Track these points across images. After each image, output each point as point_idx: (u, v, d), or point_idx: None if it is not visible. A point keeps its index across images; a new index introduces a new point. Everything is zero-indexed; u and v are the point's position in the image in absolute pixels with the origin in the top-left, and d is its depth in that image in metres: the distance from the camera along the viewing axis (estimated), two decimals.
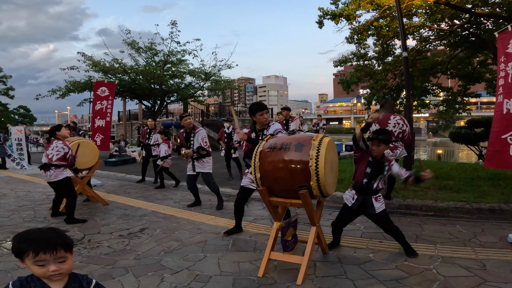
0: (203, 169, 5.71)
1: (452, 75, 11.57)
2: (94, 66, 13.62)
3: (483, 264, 3.36)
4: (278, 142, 3.29)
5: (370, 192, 3.54)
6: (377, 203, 3.56)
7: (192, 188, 5.91)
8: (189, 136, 5.76)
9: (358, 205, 3.59)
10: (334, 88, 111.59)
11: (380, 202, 3.59)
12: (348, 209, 3.68)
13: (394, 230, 3.59)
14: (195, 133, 5.71)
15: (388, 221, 3.60)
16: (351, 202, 3.64)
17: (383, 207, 3.59)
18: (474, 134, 11.92)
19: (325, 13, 9.80)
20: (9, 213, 5.64)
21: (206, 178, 5.75)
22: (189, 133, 5.79)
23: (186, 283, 3.13)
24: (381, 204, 3.58)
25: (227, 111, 23.50)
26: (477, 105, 62.32)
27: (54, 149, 5.12)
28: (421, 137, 52.75)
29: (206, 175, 5.73)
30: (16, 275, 3.29)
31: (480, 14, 8.36)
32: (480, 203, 5.18)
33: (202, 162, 5.71)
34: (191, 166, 5.74)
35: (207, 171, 5.73)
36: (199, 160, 5.69)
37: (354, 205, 3.61)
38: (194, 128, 5.77)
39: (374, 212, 3.54)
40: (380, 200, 3.59)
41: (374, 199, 3.56)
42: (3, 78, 34.76)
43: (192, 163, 5.72)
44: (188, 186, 5.91)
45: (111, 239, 4.35)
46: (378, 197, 3.59)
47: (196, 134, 5.70)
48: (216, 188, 5.83)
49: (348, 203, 3.68)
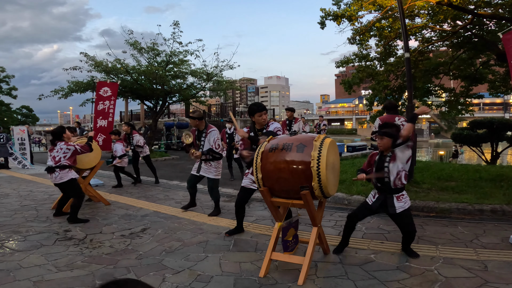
0: (209, 174, 5.28)
1: (455, 76, 11.54)
2: (97, 67, 13.65)
3: (485, 265, 3.36)
4: (280, 142, 3.30)
5: (391, 191, 3.46)
6: (398, 202, 3.46)
7: (191, 189, 5.55)
8: (201, 135, 5.31)
9: (379, 205, 3.52)
10: (336, 89, 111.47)
11: (403, 201, 3.48)
12: (368, 207, 3.62)
13: (411, 233, 3.51)
14: (207, 133, 5.25)
15: (409, 222, 3.49)
16: (371, 201, 3.60)
17: (405, 207, 3.48)
18: (476, 136, 11.90)
19: (327, 14, 9.79)
20: (11, 213, 5.67)
21: (210, 184, 5.35)
22: (200, 132, 5.33)
23: (188, 283, 3.14)
24: (403, 204, 3.48)
25: (228, 111, 23.54)
26: (480, 106, 62.17)
27: (60, 151, 5.16)
28: (423, 138, 52.62)
29: (211, 181, 5.31)
30: (18, 274, 3.32)
31: (483, 15, 8.33)
32: (482, 204, 5.17)
33: (209, 166, 5.29)
34: (197, 167, 5.39)
35: (213, 177, 5.29)
36: (206, 162, 5.30)
37: (374, 204, 3.55)
38: (207, 127, 5.29)
39: (394, 211, 3.46)
40: (402, 199, 3.48)
41: (396, 198, 3.46)
42: (6, 78, 34.89)
43: (199, 164, 5.37)
44: (187, 185, 5.56)
45: (113, 239, 4.37)
46: (400, 196, 3.47)
47: (208, 135, 5.24)
48: (217, 197, 5.44)
49: (369, 202, 3.64)
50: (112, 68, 13.74)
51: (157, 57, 14.73)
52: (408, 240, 3.60)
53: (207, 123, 5.43)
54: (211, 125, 5.38)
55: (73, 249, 4.02)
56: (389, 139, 3.46)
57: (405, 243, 3.63)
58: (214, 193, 5.40)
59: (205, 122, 5.41)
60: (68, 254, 3.85)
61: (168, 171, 10.48)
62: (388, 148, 3.49)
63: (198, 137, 5.36)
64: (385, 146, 3.47)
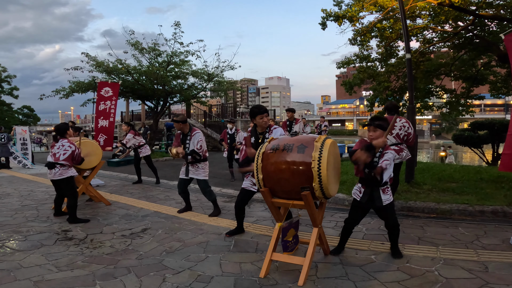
0: (198, 176, 5.35)
1: (456, 77, 11.54)
2: (98, 67, 13.67)
3: (485, 266, 3.35)
4: (281, 143, 3.30)
5: (377, 183, 3.47)
6: (384, 195, 3.50)
7: (183, 193, 5.56)
8: (185, 139, 5.39)
9: (367, 198, 3.53)
10: (337, 89, 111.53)
11: (388, 194, 3.53)
12: (358, 204, 3.63)
13: (396, 226, 3.56)
14: (192, 136, 5.33)
15: (393, 214, 3.56)
16: (359, 196, 3.61)
17: (390, 199, 3.54)
18: (477, 137, 11.89)
19: (328, 14, 9.81)
20: (12, 213, 5.68)
21: (201, 185, 5.41)
22: (185, 135, 5.41)
23: (188, 283, 3.14)
24: (389, 196, 3.53)
25: (229, 112, 23.53)
26: (481, 107, 62.12)
27: (61, 148, 5.15)
28: (424, 139, 52.60)
29: (202, 182, 5.38)
30: (18, 274, 3.32)
31: (484, 16, 8.33)
32: (483, 205, 5.16)
33: (196, 167, 5.35)
34: (185, 170, 5.42)
35: (203, 178, 5.37)
36: (193, 164, 5.35)
37: (363, 198, 3.56)
38: (191, 130, 5.38)
39: (381, 204, 3.48)
40: (387, 192, 3.53)
41: (382, 191, 3.50)
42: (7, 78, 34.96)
43: (186, 167, 5.41)
44: (178, 190, 5.55)
45: (113, 239, 4.37)
46: (385, 189, 3.52)
47: (193, 137, 5.32)
48: (212, 196, 5.46)
49: (356, 198, 3.64)
50: (113, 68, 13.76)
51: (158, 58, 14.75)
52: (395, 235, 3.61)
53: (191, 126, 5.49)
54: (196, 128, 5.46)
55: (74, 249, 4.03)
56: (382, 132, 3.47)
57: (393, 240, 3.64)
58: (208, 193, 5.44)
59: (189, 125, 5.47)
60: (68, 254, 3.85)
61: (169, 172, 10.48)
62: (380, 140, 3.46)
63: (182, 141, 5.41)
64: (377, 138, 3.46)
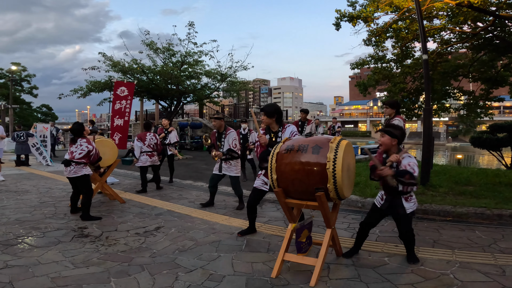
0: (230, 172, 5.72)
1: (474, 79, 11.26)
2: (114, 67, 13.89)
3: (503, 270, 3.28)
4: (295, 144, 3.29)
5: (397, 192, 3.40)
6: (407, 203, 3.42)
7: (213, 188, 5.94)
8: (221, 137, 5.76)
9: (387, 206, 3.48)
10: (350, 90, 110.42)
11: (412, 202, 3.44)
12: (376, 209, 3.59)
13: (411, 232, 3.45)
14: (226, 135, 5.70)
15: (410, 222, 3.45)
16: (380, 203, 3.57)
17: (414, 208, 3.45)
18: (497, 139, 11.61)
19: (342, 15, 9.72)
20: (31, 209, 5.82)
21: (233, 181, 5.80)
22: (220, 133, 5.78)
23: (200, 282, 3.17)
24: (412, 204, 3.44)
25: (242, 112, 23.59)
26: (500, 110, 60.56)
27: (79, 147, 5.28)
28: (440, 142, 51.64)
29: (233, 178, 5.77)
30: (36, 270, 3.40)
31: (505, 16, 8.13)
32: (501, 209, 5.04)
33: (229, 165, 5.71)
34: (218, 166, 5.77)
35: (235, 175, 5.76)
36: (226, 162, 5.70)
37: (383, 205, 3.52)
38: (226, 129, 5.76)
39: (404, 212, 3.40)
40: (411, 200, 3.44)
41: (404, 199, 3.42)
42: (27, 77, 35.88)
43: (220, 164, 5.75)
44: (209, 184, 5.94)
45: (127, 237, 4.44)
46: (408, 197, 3.43)
47: (227, 136, 5.68)
48: (240, 192, 5.88)
49: (377, 204, 3.61)
50: (128, 68, 13.96)
51: (172, 58, 14.88)
52: (412, 243, 3.51)
53: (226, 125, 5.84)
54: (229, 127, 5.83)
55: (90, 246, 4.10)
56: (389, 138, 3.41)
57: (410, 249, 3.53)
58: (236, 189, 5.85)
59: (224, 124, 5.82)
60: (84, 251, 3.92)
61: (182, 171, 10.56)
62: (388, 149, 3.43)
63: (218, 138, 5.80)
64: (384, 143, 3.43)
